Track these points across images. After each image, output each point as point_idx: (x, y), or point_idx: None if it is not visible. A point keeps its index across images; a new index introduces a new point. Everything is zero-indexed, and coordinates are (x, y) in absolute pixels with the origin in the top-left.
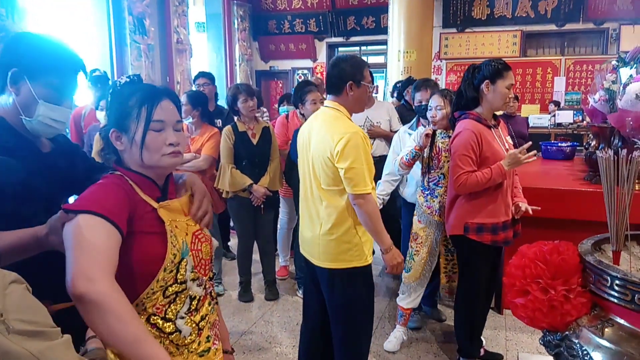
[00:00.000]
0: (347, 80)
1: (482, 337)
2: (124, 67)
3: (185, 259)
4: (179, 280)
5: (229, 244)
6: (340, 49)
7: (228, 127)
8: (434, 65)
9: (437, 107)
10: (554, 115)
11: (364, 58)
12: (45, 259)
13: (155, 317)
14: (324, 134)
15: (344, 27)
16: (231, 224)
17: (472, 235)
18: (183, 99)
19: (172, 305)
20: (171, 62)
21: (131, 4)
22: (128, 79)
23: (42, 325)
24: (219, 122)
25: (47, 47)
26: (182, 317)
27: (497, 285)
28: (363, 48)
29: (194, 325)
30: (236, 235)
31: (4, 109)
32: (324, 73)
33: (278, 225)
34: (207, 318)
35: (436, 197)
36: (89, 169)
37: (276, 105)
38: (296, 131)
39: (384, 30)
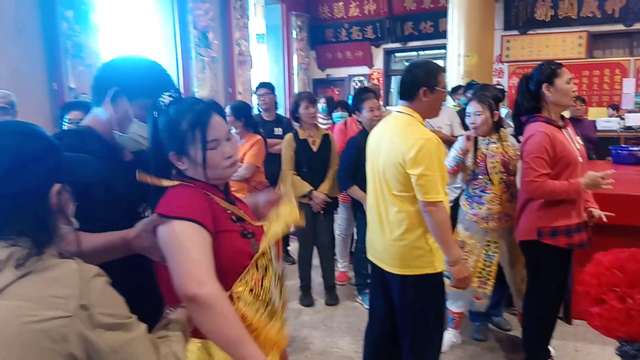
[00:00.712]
0: (421, 86)
1: (550, 347)
2: (189, 79)
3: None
4: (266, 255)
5: (288, 248)
6: (397, 54)
7: (289, 135)
8: (495, 69)
9: (475, 112)
10: (623, 118)
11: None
12: None
13: (256, 289)
14: (396, 140)
15: (401, 33)
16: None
17: (546, 239)
18: (227, 110)
19: (264, 278)
20: (233, 73)
21: (196, 18)
22: (171, 98)
23: (122, 317)
24: (278, 130)
25: (147, 71)
26: (273, 291)
27: (566, 294)
28: (421, 53)
29: (279, 298)
30: (296, 240)
31: (96, 121)
32: (380, 79)
33: (337, 231)
34: (283, 294)
35: (483, 203)
36: (162, 188)
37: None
38: (352, 138)
39: (443, 35)
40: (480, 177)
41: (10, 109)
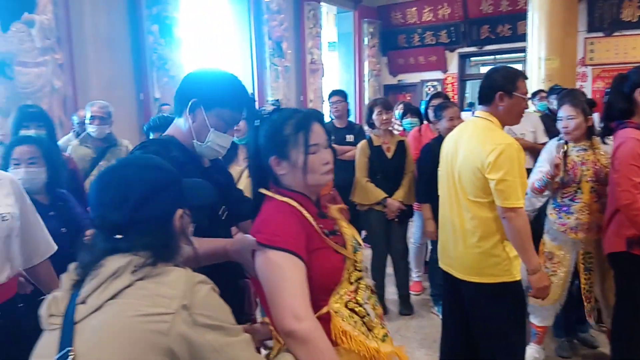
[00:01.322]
0: (497, 91)
1: None
2: (263, 88)
3: (359, 251)
4: (357, 268)
5: None
6: (472, 58)
7: (364, 142)
8: (579, 72)
9: (568, 117)
10: None
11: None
12: None
13: (350, 303)
14: (475, 144)
15: (477, 37)
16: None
17: (636, 250)
18: None
19: (358, 291)
20: (305, 81)
21: (271, 29)
22: (273, 106)
23: (222, 321)
24: (350, 137)
25: (224, 84)
26: (366, 303)
27: None
28: (498, 57)
29: (373, 310)
30: (370, 248)
31: (178, 130)
32: (455, 84)
33: (411, 240)
34: (377, 305)
35: (572, 213)
36: (241, 196)
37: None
38: (427, 145)
39: (521, 38)
40: (569, 185)
41: (108, 118)
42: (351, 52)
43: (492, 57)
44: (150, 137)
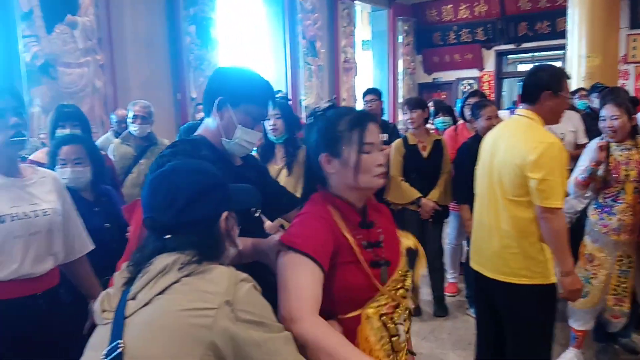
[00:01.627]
0: (545, 89)
1: None
2: (297, 87)
3: (411, 272)
4: (405, 287)
5: None
6: (510, 56)
7: (399, 140)
8: (621, 70)
9: (612, 116)
10: None
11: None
12: None
13: (385, 317)
14: (516, 142)
15: (515, 34)
16: None
17: None
18: None
19: (397, 309)
20: (338, 80)
21: (305, 28)
22: (328, 104)
23: (264, 317)
24: (384, 136)
25: (248, 80)
26: (401, 324)
27: None
28: (536, 54)
29: (405, 333)
30: None
31: (207, 130)
32: (492, 82)
33: (446, 240)
34: (409, 331)
35: (614, 214)
36: (278, 188)
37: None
38: (464, 145)
39: (561, 35)
40: (612, 185)
41: (149, 118)
42: (385, 51)
43: (530, 54)
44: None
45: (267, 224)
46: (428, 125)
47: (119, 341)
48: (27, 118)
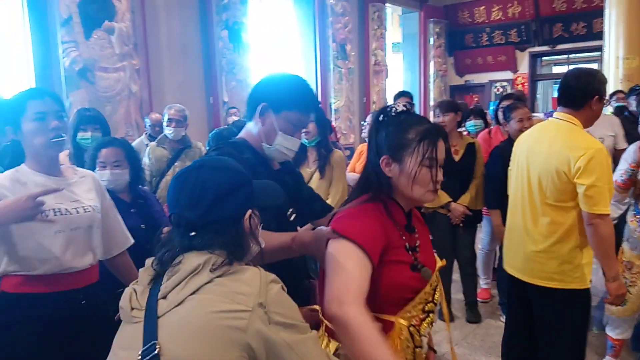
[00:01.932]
0: (594, 95)
1: None
2: (327, 90)
3: (439, 286)
4: (434, 300)
5: None
6: (544, 58)
7: None
8: None
9: None
10: None
11: (572, 66)
12: None
13: (413, 328)
14: (560, 147)
15: (550, 35)
16: None
17: None
18: (368, 119)
19: (424, 322)
20: (368, 83)
21: (335, 32)
22: (404, 107)
23: (294, 319)
24: None
25: (292, 87)
26: (425, 336)
27: None
28: (571, 56)
29: (426, 344)
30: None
31: (250, 134)
32: (525, 84)
33: (479, 245)
34: (430, 343)
35: None
36: (312, 194)
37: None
38: (496, 148)
39: (597, 36)
40: None
41: (183, 121)
42: (416, 53)
43: (565, 56)
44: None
45: (304, 227)
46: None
47: (155, 341)
48: (66, 121)
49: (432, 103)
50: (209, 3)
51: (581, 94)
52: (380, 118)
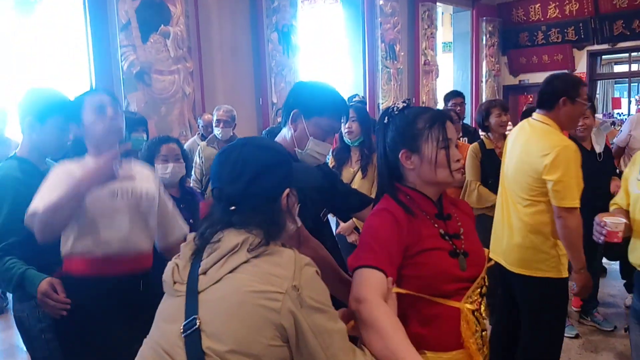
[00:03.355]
0: (561, 96)
1: None
2: (375, 91)
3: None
4: (486, 284)
5: None
6: (604, 57)
7: (475, 144)
8: None
9: None
10: None
11: (635, 65)
12: None
13: (477, 312)
14: (531, 146)
15: (610, 33)
16: None
17: None
18: None
19: (482, 305)
20: (418, 83)
21: (384, 32)
22: (404, 104)
23: (326, 305)
24: (464, 140)
25: (322, 94)
26: (485, 319)
27: None
28: (633, 54)
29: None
30: None
31: (284, 139)
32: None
33: None
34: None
35: None
36: (347, 190)
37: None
38: None
39: None
40: None
41: (232, 121)
42: (467, 52)
43: (626, 54)
44: None
45: (342, 225)
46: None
47: (195, 316)
48: (122, 113)
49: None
50: (259, 7)
51: (549, 97)
52: (385, 120)
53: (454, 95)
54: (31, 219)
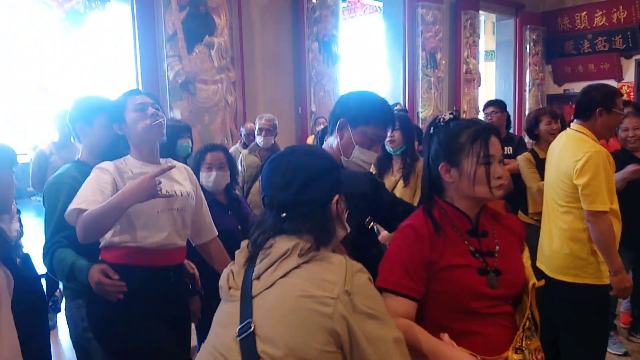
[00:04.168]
0: (597, 107)
1: None
2: (414, 99)
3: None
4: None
5: None
6: None
7: (527, 154)
8: None
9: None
10: None
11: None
12: None
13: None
14: (565, 154)
15: None
16: None
17: None
18: None
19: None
20: (459, 91)
21: (425, 40)
22: (451, 115)
23: (380, 312)
24: (509, 149)
25: (368, 103)
26: (527, 348)
27: None
28: None
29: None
30: None
31: (330, 148)
32: (631, 94)
33: None
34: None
35: None
36: (393, 199)
37: None
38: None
39: None
40: None
41: (273, 130)
42: (511, 61)
43: None
44: None
45: (383, 234)
46: None
47: (250, 320)
48: (163, 114)
49: (527, 112)
50: (301, 17)
51: (585, 107)
52: (431, 130)
53: (488, 105)
54: (71, 214)
